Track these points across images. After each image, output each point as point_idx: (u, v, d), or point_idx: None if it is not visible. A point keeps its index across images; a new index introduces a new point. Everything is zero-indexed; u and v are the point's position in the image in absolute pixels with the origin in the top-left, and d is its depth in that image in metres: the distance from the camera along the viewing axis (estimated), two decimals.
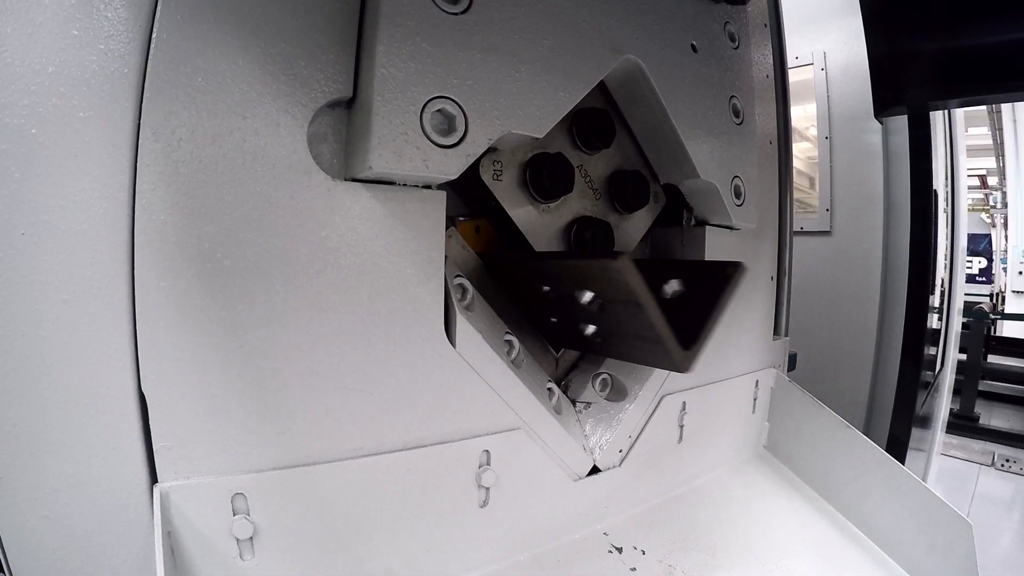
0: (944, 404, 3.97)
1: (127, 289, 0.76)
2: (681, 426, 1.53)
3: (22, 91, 0.70)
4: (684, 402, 1.52)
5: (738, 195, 1.49)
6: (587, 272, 0.99)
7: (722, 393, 1.68)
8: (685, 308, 1.06)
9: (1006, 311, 15.25)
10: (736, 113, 1.50)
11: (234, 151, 0.81)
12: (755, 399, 1.85)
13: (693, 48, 1.38)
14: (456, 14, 0.93)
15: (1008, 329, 14.16)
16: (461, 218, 1.25)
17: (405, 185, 0.94)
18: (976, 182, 20.17)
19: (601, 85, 1.25)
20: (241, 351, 0.83)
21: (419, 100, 0.88)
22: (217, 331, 0.82)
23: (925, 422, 3.99)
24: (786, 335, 2.18)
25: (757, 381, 1.85)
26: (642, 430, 1.42)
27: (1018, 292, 15.41)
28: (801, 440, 1.87)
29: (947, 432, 8.66)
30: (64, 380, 0.74)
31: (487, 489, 1.11)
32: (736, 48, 1.53)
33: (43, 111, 0.71)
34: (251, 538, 0.87)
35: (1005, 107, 14.48)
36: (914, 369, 2.69)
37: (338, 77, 0.89)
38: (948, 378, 3.94)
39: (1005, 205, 17.19)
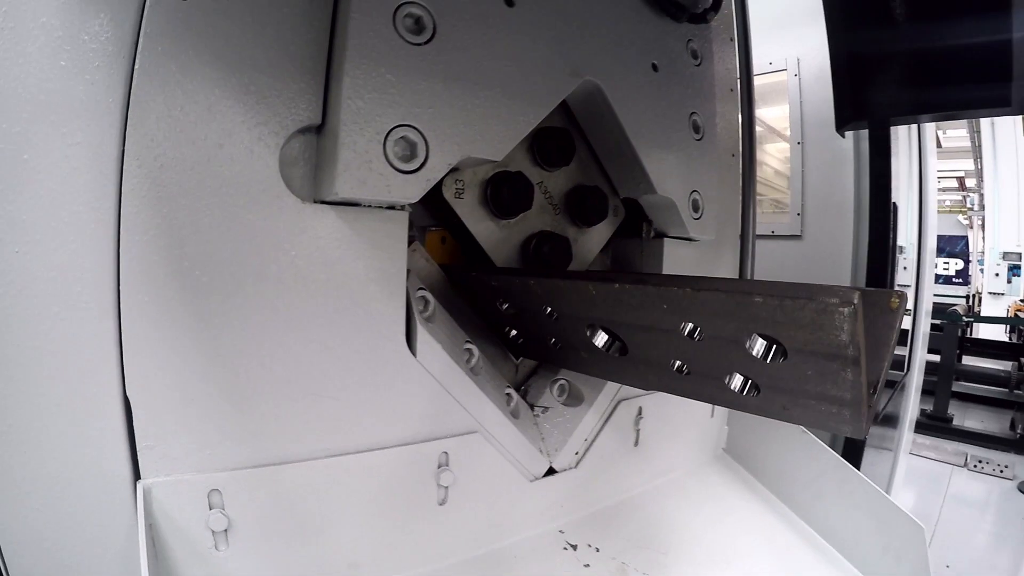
0: (911, 404, 4.14)
1: (113, 303, 0.86)
2: (637, 430, 1.64)
3: (15, 118, 0.79)
4: (640, 407, 1.63)
5: (696, 209, 1.59)
6: (786, 314, 0.80)
7: (680, 398, 1.78)
8: None
9: (982, 313, 15.61)
10: (696, 129, 1.60)
11: (212, 177, 0.91)
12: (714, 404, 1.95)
13: (654, 67, 1.48)
14: (419, 44, 1.03)
15: (984, 331, 14.52)
16: (432, 228, 1.35)
17: (370, 206, 1.04)
18: (954, 184, 20.52)
19: (562, 103, 1.35)
20: (218, 359, 0.93)
21: (383, 128, 0.98)
22: (196, 341, 0.91)
23: (892, 422, 4.15)
24: None
25: None
26: (598, 434, 1.53)
27: (994, 294, 15.79)
28: (759, 444, 1.98)
29: (921, 433, 8.96)
30: (56, 386, 0.84)
31: (446, 488, 1.21)
32: (699, 65, 1.63)
33: (35, 138, 0.80)
34: (226, 530, 0.97)
35: None
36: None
37: (308, 105, 0.99)
38: (916, 378, 4.10)
39: (983, 207, 17.55)
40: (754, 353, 0.86)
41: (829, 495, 1.77)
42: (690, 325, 0.94)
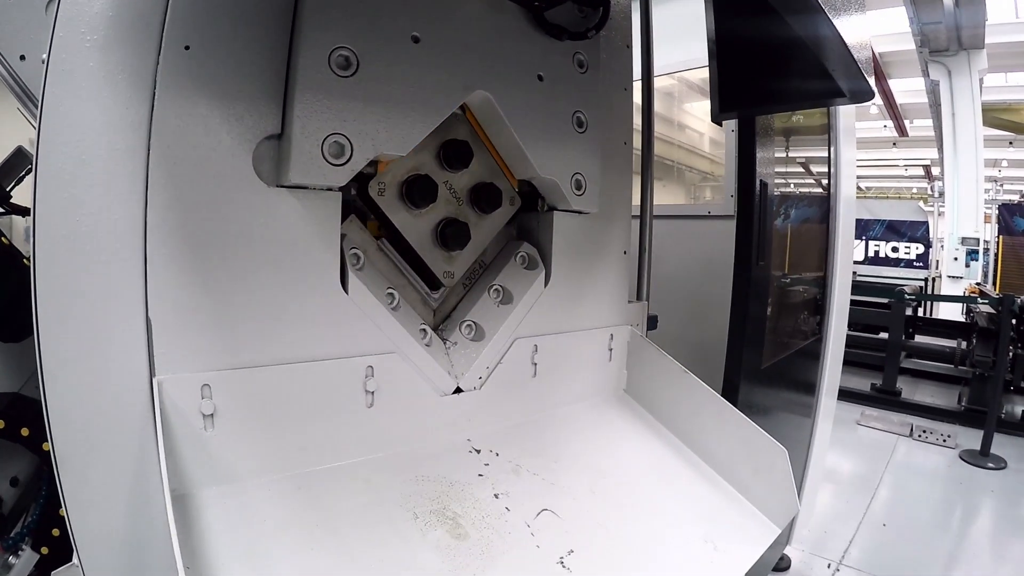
0: (827, 371, 4.68)
1: (141, 254, 1.35)
2: (535, 363, 2.14)
3: (83, 132, 1.27)
4: (536, 345, 2.13)
5: (578, 187, 2.11)
6: None
7: (574, 341, 2.28)
8: None
9: (943, 294, 16.49)
10: (580, 124, 2.11)
11: (207, 169, 1.41)
12: (611, 350, 2.45)
13: (540, 78, 1.98)
14: (347, 77, 1.54)
15: (944, 311, 15.43)
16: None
17: (314, 188, 1.56)
18: (921, 172, 21.43)
19: (467, 111, 1.89)
20: (210, 293, 1.44)
21: (321, 136, 1.50)
22: (195, 280, 1.42)
23: (808, 388, 4.73)
24: (645, 299, 2.79)
25: (612, 335, 2.46)
26: (498, 363, 2.03)
27: (953, 277, 16.76)
28: (653, 385, 2.45)
29: (870, 405, 9.76)
30: (100, 310, 1.32)
31: (372, 393, 1.71)
32: (584, 72, 2.13)
33: (92, 144, 1.28)
34: (212, 415, 1.44)
35: (944, 101, 15.80)
36: (739, 325, 3.37)
37: (271, 121, 1.50)
38: (831, 347, 4.65)
39: (942, 195, 18.48)
40: None
41: (709, 426, 2.22)
42: None
